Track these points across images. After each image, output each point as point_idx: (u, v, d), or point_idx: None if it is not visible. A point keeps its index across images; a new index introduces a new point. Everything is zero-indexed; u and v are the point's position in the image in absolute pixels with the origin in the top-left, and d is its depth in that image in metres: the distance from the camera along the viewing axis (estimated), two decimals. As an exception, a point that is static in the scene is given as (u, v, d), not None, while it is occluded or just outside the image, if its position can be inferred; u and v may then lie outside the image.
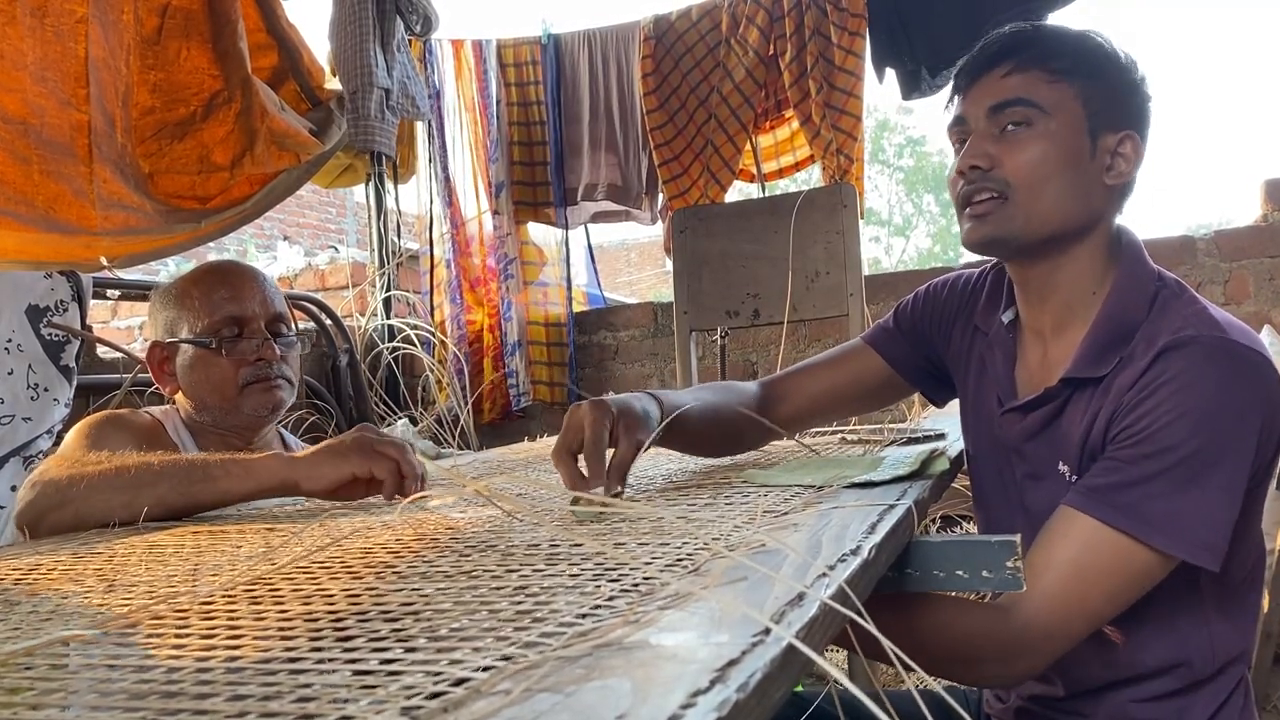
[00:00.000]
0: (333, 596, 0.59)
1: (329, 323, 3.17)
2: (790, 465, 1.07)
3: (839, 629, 0.51)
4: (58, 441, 1.75)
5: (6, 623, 0.60)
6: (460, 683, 0.40)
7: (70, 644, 0.53)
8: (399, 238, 3.50)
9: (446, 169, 3.53)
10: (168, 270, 5.37)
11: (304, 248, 6.28)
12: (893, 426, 1.50)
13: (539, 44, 3.58)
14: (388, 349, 3.37)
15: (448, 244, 3.52)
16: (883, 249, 20.88)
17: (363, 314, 3.47)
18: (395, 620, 0.52)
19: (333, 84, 2.35)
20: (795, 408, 1.23)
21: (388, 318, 3.42)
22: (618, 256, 12.81)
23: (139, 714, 0.40)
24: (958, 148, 1.06)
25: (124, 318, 3.97)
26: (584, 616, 0.49)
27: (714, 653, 0.40)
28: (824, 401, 1.25)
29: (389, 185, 3.42)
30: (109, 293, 2.56)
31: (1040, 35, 1.03)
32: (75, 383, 2.10)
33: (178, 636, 0.52)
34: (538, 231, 3.73)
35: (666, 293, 4.98)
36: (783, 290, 2.38)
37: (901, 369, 1.25)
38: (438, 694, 0.39)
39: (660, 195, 3.47)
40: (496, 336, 3.55)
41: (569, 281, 3.71)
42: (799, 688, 1.36)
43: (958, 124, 1.05)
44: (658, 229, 3.86)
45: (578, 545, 0.68)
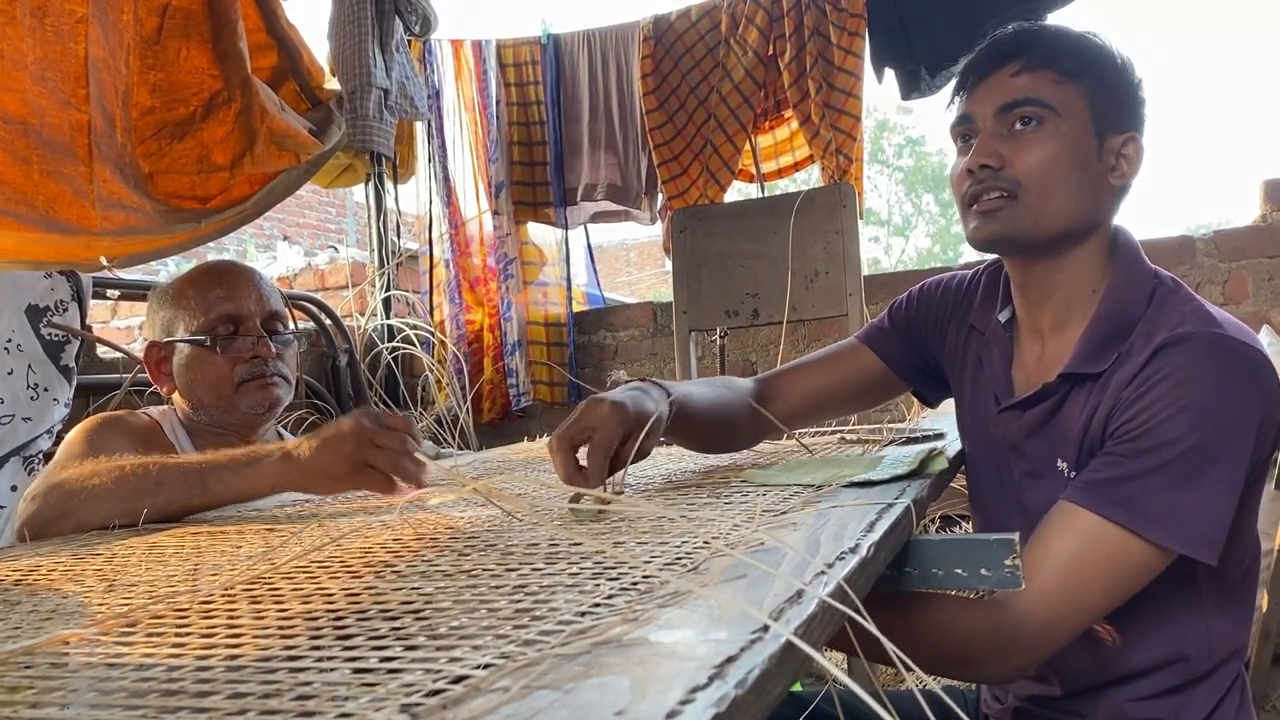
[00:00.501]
0: (332, 595, 0.59)
1: (329, 322, 3.17)
2: (789, 465, 1.07)
3: (837, 627, 0.51)
4: (58, 441, 1.75)
5: (6, 623, 0.60)
6: (459, 680, 0.40)
7: (70, 643, 0.53)
8: (399, 238, 3.50)
9: (446, 169, 3.53)
10: (168, 270, 5.37)
11: (304, 248, 6.28)
12: (891, 426, 1.50)
13: (539, 44, 3.59)
14: (387, 349, 3.37)
15: (447, 244, 3.52)
16: (882, 249, 20.89)
17: (362, 314, 3.47)
18: (395, 619, 0.52)
19: (332, 84, 2.36)
20: (790, 405, 1.22)
21: (387, 318, 3.42)
22: (617, 256, 12.80)
23: (139, 713, 0.40)
24: (961, 146, 1.06)
25: (124, 318, 3.97)
26: (583, 614, 0.49)
27: (713, 650, 0.41)
28: (819, 399, 1.25)
29: (388, 185, 3.42)
30: (109, 293, 2.56)
31: (1047, 35, 1.03)
32: (75, 383, 2.10)
33: (177, 636, 0.53)
34: (537, 231, 3.73)
35: (666, 293, 4.98)
36: (782, 290, 2.38)
37: (896, 367, 1.25)
38: (437, 691, 0.39)
39: (660, 195, 3.47)
40: (496, 336, 3.55)
41: (569, 281, 3.71)
42: (797, 687, 1.36)
43: (962, 122, 1.05)
44: (657, 229, 3.86)
45: (577, 544, 0.68)
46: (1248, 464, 0.91)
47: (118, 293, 2.63)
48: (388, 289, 3.43)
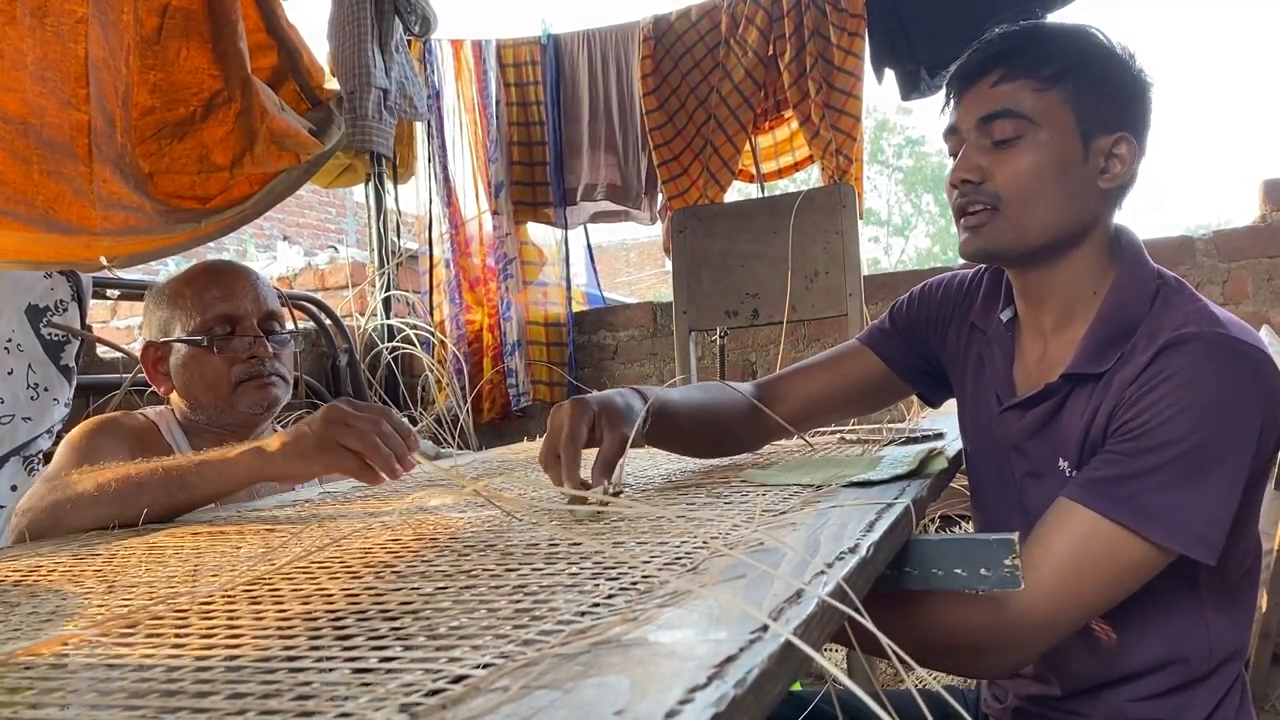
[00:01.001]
0: (332, 596, 0.59)
1: (328, 322, 3.17)
2: (789, 465, 1.08)
3: (837, 627, 0.51)
4: (58, 441, 1.75)
5: (7, 624, 0.60)
6: (459, 680, 0.40)
7: (70, 644, 0.53)
8: (399, 238, 3.50)
9: (446, 169, 3.53)
10: (167, 270, 5.37)
11: (304, 248, 6.27)
12: (891, 426, 1.50)
13: (539, 44, 3.59)
14: (387, 349, 3.37)
15: (447, 244, 3.52)
16: (882, 249, 20.88)
17: (362, 314, 3.47)
18: (394, 619, 0.52)
19: (332, 84, 2.35)
20: (791, 409, 1.22)
21: (387, 317, 3.42)
22: (617, 256, 12.80)
23: (139, 713, 0.40)
24: (951, 156, 1.06)
25: (124, 318, 3.97)
26: (583, 614, 0.49)
27: (712, 649, 0.41)
28: (820, 402, 1.25)
29: (388, 185, 3.42)
30: (109, 293, 2.56)
31: (1031, 39, 1.02)
32: (75, 382, 2.10)
33: (177, 636, 0.53)
34: (537, 231, 3.73)
35: (666, 293, 4.98)
36: (782, 290, 2.38)
37: (898, 368, 1.24)
38: (436, 691, 0.39)
39: (660, 195, 3.47)
40: (496, 336, 3.55)
41: (568, 281, 3.71)
42: (797, 686, 1.36)
43: (951, 133, 1.05)
44: (657, 229, 3.86)
45: (576, 544, 0.68)
46: (1249, 465, 0.91)
47: (117, 293, 2.63)
48: (388, 289, 3.43)
